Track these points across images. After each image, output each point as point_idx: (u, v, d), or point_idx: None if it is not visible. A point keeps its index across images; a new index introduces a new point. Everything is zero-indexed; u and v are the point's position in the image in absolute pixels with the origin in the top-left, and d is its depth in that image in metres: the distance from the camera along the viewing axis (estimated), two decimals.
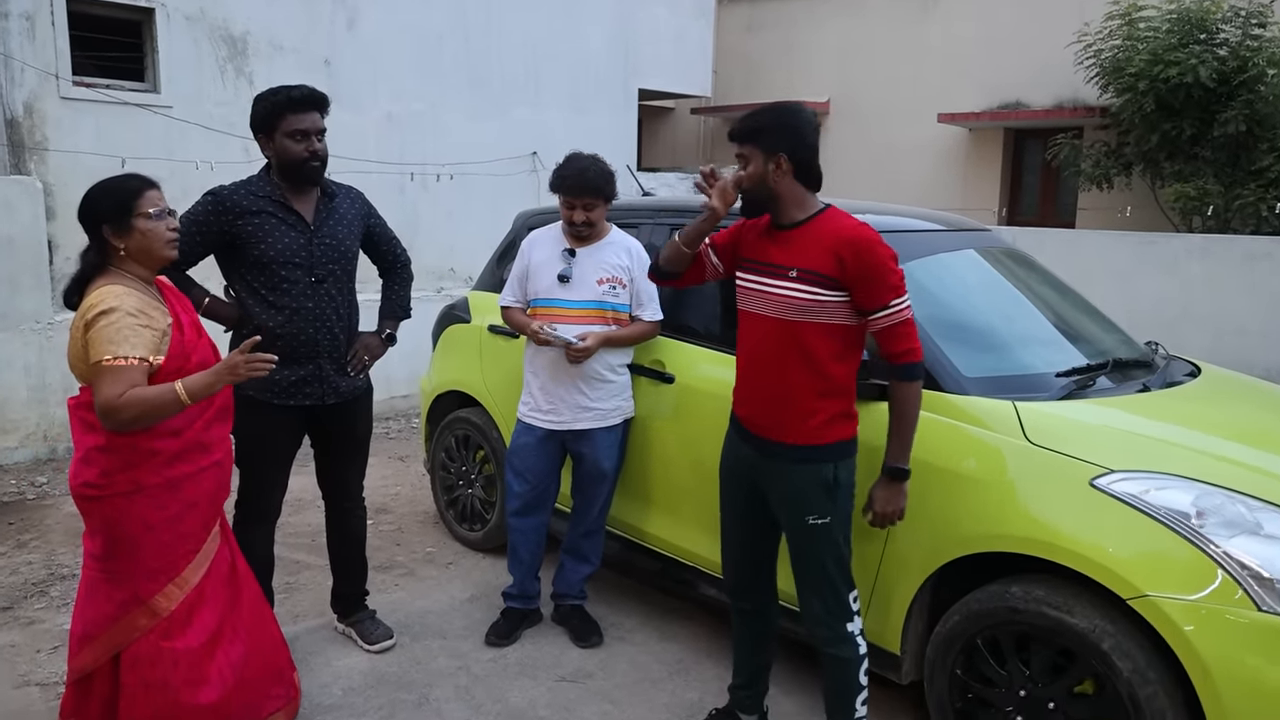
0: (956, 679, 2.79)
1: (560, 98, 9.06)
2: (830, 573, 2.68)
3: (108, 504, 2.56)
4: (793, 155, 2.60)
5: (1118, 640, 2.44)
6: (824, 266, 2.55)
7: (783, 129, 2.61)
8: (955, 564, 2.79)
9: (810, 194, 2.68)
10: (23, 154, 5.99)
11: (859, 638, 2.72)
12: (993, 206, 12.16)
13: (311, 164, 3.12)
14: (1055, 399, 2.92)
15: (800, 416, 2.63)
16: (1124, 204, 9.77)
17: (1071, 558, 2.52)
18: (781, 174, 2.61)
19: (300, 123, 3.08)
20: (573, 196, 3.43)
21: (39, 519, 4.86)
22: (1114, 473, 2.56)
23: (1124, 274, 7.17)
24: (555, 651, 3.61)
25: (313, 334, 3.18)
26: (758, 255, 2.72)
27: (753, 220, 2.79)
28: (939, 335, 3.03)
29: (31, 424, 5.71)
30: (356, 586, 3.67)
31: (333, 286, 3.22)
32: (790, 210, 2.66)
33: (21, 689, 3.25)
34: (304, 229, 3.16)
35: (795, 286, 2.59)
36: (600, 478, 3.61)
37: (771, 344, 2.65)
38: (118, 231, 2.56)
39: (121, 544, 2.60)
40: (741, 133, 2.65)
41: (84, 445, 2.58)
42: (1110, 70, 9.42)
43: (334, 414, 3.32)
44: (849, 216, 2.65)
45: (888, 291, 2.53)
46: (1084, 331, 3.57)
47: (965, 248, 3.69)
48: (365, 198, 3.46)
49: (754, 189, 2.64)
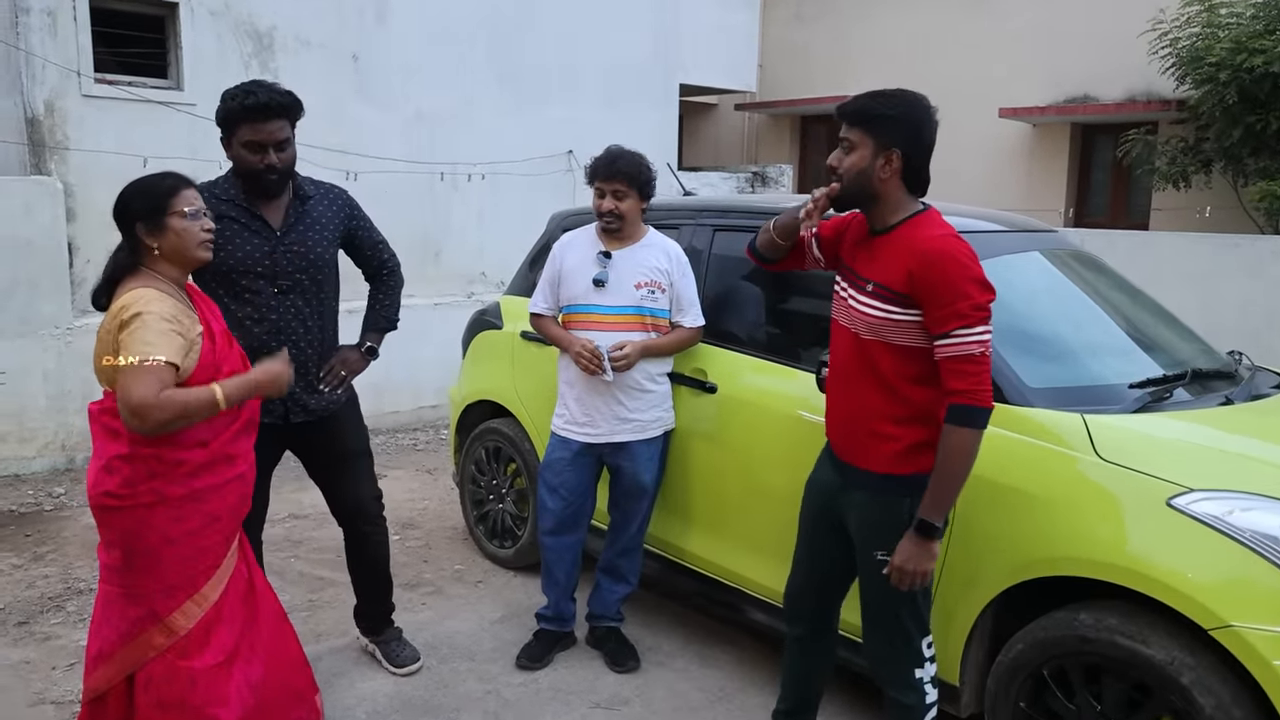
0: (1020, 712, 2.74)
1: (597, 93, 9.09)
2: (900, 614, 2.57)
3: (128, 515, 2.59)
4: (907, 154, 2.46)
5: (1199, 674, 2.38)
6: (896, 281, 2.42)
7: (904, 122, 2.46)
8: (1019, 589, 2.75)
9: (910, 197, 2.54)
10: (43, 153, 6.13)
11: (927, 685, 2.62)
12: (1058, 207, 12.01)
13: (268, 177, 3.04)
14: (1128, 412, 2.87)
15: (876, 442, 2.53)
16: (1203, 204, 9.58)
17: (1147, 584, 2.47)
18: (890, 172, 2.47)
19: (256, 133, 2.99)
20: (602, 181, 3.47)
21: (56, 531, 4.96)
22: (1194, 492, 2.50)
23: (1203, 279, 7.03)
24: (590, 676, 3.60)
25: (275, 348, 3.02)
26: (850, 261, 2.64)
27: (862, 216, 2.66)
28: (1000, 343, 2.98)
29: (50, 433, 5.84)
30: (381, 605, 3.67)
31: (299, 298, 3.16)
32: (886, 214, 2.53)
33: (36, 707, 3.31)
34: (268, 235, 3.11)
35: (870, 303, 2.49)
36: (639, 492, 3.60)
37: (850, 361, 2.58)
38: (151, 230, 2.59)
39: (140, 557, 2.62)
40: (856, 114, 2.48)
41: (106, 453, 2.60)
42: (1188, 60, 9.27)
43: (309, 431, 3.28)
44: (940, 224, 2.49)
45: (953, 319, 2.33)
46: (1159, 340, 3.51)
47: (1029, 249, 3.64)
48: (348, 197, 3.37)
49: (853, 182, 2.50)
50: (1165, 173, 9.83)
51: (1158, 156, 9.95)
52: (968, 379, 2.34)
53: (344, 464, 3.42)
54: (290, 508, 5.21)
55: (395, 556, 3.77)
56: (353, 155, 7.34)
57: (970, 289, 2.34)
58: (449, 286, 8.06)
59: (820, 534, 2.79)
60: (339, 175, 7.01)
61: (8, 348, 5.69)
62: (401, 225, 7.66)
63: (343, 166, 7.17)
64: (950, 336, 2.34)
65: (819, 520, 2.78)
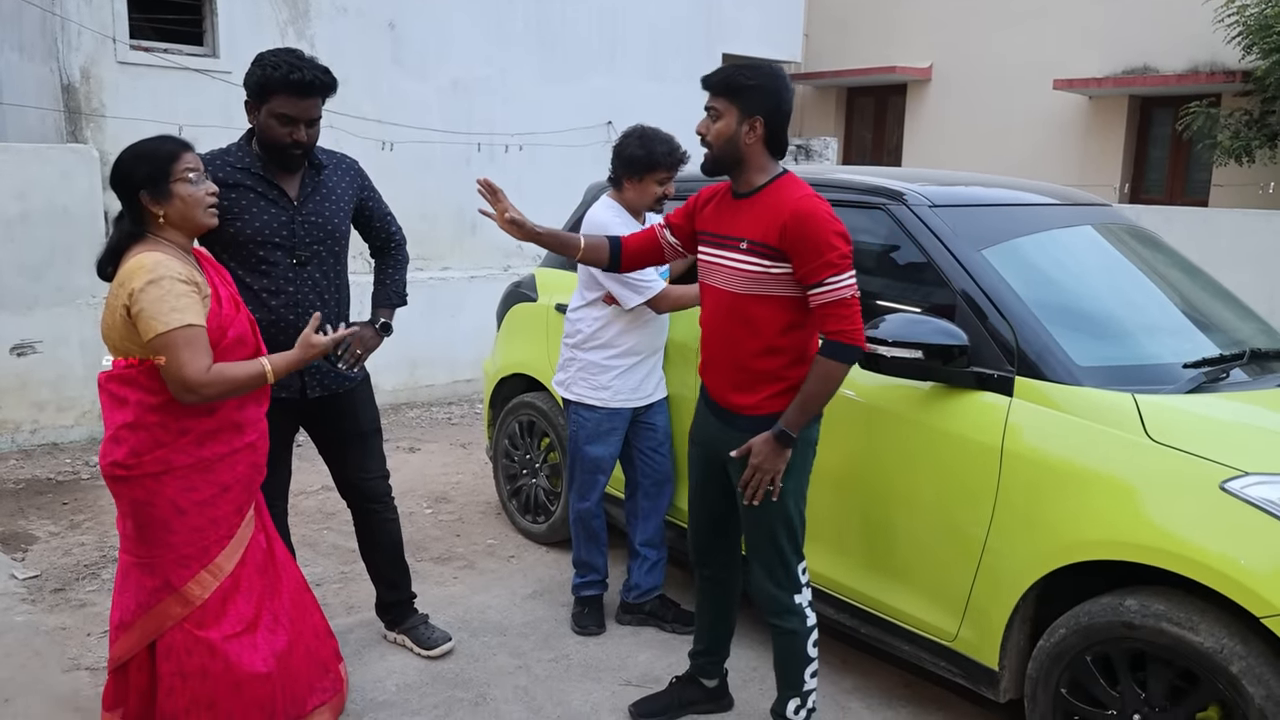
0: (1061, 699, 2.72)
1: (638, 64, 9.04)
2: (780, 543, 2.80)
3: (137, 485, 2.62)
4: (769, 120, 2.69)
5: (1249, 663, 2.35)
6: (770, 237, 2.64)
7: (765, 91, 2.69)
8: (1063, 572, 2.72)
9: (772, 161, 2.77)
10: (79, 121, 6.22)
11: (808, 609, 2.86)
12: (1114, 183, 11.79)
13: (293, 152, 3.04)
14: (1182, 392, 2.81)
15: (758, 387, 2.75)
16: (1266, 180, 9.36)
17: (1197, 569, 2.43)
18: (755, 138, 2.70)
19: (291, 107, 2.98)
20: (667, 170, 3.58)
21: (93, 500, 5.07)
22: (1249, 475, 2.46)
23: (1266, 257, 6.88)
24: (621, 653, 3.63)
25: (293, 320, 3.07)
26: (713, 227, 2.84)
27: (708, 191, 2.91)
28: (1049, 319, 2.95)
29: (88, 402, 5.95)
30: (401, 594, 3.65)
31: (316, 269, 3.15)
32: (751, 176, 2.75)
33: (71, 673, 3.39)
34: (286, 205, 3.08)
35: (745, 259, 2.70)
36: (668, 437, 3.77)
37: (727, 319, 2.77)
38: (156, 198, 2.60)
39: (151, 528, 2.66)
40: (721, 84, 2.71)
41: (114, 423, 2.63)
42: (1256, 29, 9.02)
43: (322, 407, 3.29)
44: (802, 186, 2.71)
45: (825, 268, 2.58)
46: (1216, 318, 3.43)
47: (1081, 224, 3.58)
48: (359, 168, 3.36)
49: (721, 148, 2.72)
50: (1227, 147, 9.59)
51: (1220, 130, 9.71)
52: (843, 320, 2.60)
53: (354, 442, 3.41)
54: (324, 480, 5.27)
55: (427, 530, 3.81)
56: (389, 125, 7.37)
57: (837, 241, 2.60)
58: (485, 259, 8.09)
59: (709, 479, 2.99)
60: (374, 145, 7.05)
61: (45, 317, 5.80)
62: (438, 197, 7.71)
63: (379, 136, 7.21)
64: (824, 285, 2.59)
65: (705, 466, 2.98)
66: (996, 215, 3.38)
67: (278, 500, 3.33)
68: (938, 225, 3.18)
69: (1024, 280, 3.07)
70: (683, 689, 3.26)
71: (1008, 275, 3.05)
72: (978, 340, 2.94)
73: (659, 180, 3.57)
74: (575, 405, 3.70)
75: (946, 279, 3.09)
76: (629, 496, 3.86)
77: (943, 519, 2.97)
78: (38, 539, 4.56)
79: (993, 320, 2.95)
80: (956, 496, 2.93)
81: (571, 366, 3.71)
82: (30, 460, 5.63)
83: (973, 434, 2.89)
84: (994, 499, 2.83)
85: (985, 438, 2.86)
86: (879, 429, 3.15)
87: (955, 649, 2.98)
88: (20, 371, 5.74)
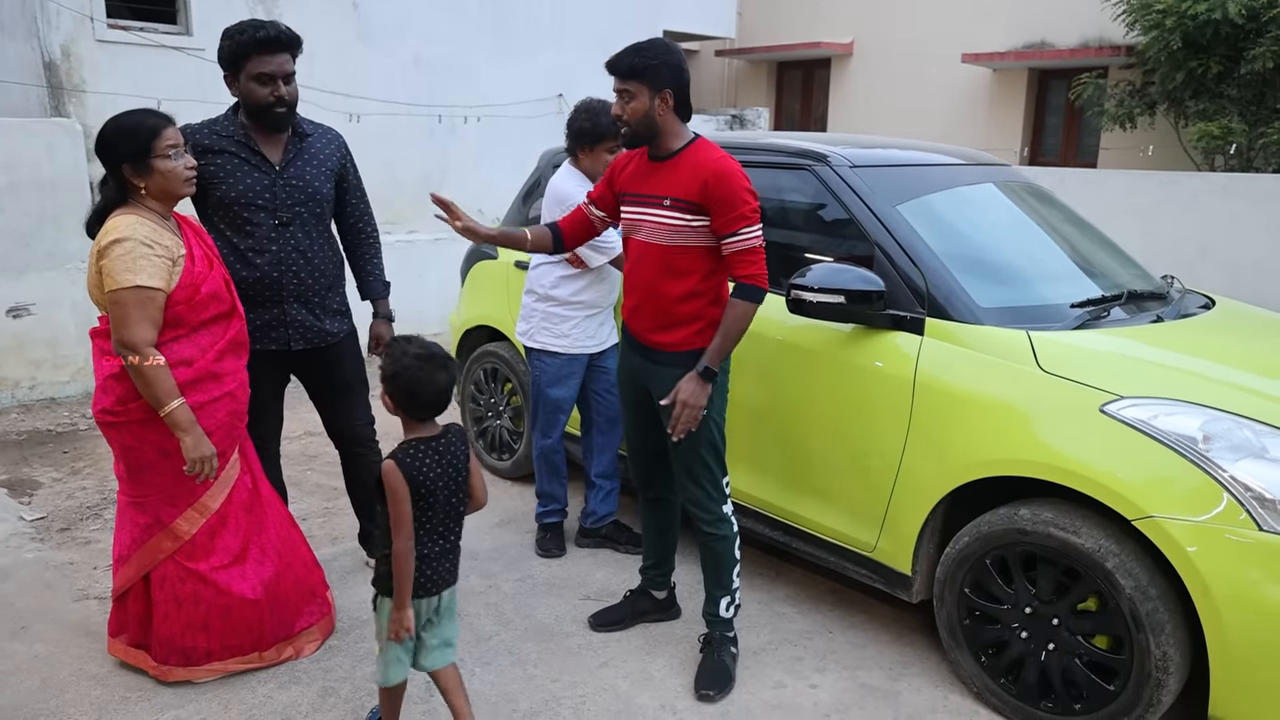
0: (965, 598, 2.84)
1: (585, 40, 8.94)
2: (707, 460, 2.89)
3: (125, 430, 2.62)
4: (677, 91, 2.75)
5: (1121, 559, 2.47)
6: (691, 194, 2.71)
7: (669, 66, 2.73)
8: (966, 489, 2.82)
9: (683, 125, 2.82)
10: (62, 96, 6.02)
11: (732, 517, 2.98)
12: (1015, 147, 11.96)
13: (277, 110, 2.98)
14: (1069, 329, 2.91)
15: (682, 326, 2.83)
16: (1146, 144, 9.57)
17: (1081, 481, 2.54)
18: (666, 109, 2.76)
19: (266, 65, 2.93)
20: (617, 138, 3.51)
21: (91, 448, 4.99)
22: (1123, 399, 2.56)
23: (1145, 213, 7.05)
24: (581, 572, 3.70)
25: (277, 278, 3.05)
26: (635, 188, 2.88)
27: (624, 158, 2.97)
28: (955, 266, 3.02)
29: (81, 359, 5.82)
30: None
31: (299, 230, 3.10)
32: (668, 141, 2.80)
33: (81, 602, 3.38)
34: (268, 170, 3.05)
35: (670, 214, 2.76)
36: (613, 385, 3.78)
37: (652, 269, 2.83)
38: (138, 172, 2.57)
39: (140, 470, 2.67)
40: (629, 69, 2.74)
41: (101, 373, 2.63)
42: (1138, 8, 9.16)
43: (310, 359, 3.26)
44: (716, 149, 2.78)
45: (739, 220, 2.67)
46: (1100, 265, 3.54)
47: (984, 181, 3.66)
48: (343, 141, 3.30)
49: (639, 124, 2.77)
50: (1113, 114, 9.79)
51: (1107, 99, 9.89)
52: (753, 265, 2.70)
53: (341, 392, 3.40)
54: (306, 426, 5.25)
55: None
56: (356, 99, 7.23)
57: (748, 197, 2.69)
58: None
59: (640, 411, 3.07)
60: (342, 118, 6.91)
61: (38, 281, 5.65)
62: (404, 165, 7.61)
63: (346, 109, 7.08)
64: (738, 235, 2.69)
65: (636, 400, 3.06)
66: (910, 174, 3.44)
67: (270, 443, 3.32)
68: (858, 184, 3.23)
69: (934, 232, 3.14)
70: (636, 600, 3.35)
71: (920, 228, 3.11)
72: (893, 286, 3.00)
73: (609, 149, 3.56)
74: (537, 352, 3.72)
75: (866, 232, 3.14)
76: (585, 433, 3.91)
77: (864, 445, 3.05)
78: (42, 484, 4.50)
79: (906, 268, 3.02)
80: (875, 425, 3.01)
81: (534, 317, 3.72)
82: (30, 414, 5.52)
83: (889, 369, 2.97)
84: (907, 425, 2.91)
85: (900, 372, 2.94)
86: (807, 368, 3.21)
87: (874, 558, 3.09)
88: (17, 332, 5.60)
